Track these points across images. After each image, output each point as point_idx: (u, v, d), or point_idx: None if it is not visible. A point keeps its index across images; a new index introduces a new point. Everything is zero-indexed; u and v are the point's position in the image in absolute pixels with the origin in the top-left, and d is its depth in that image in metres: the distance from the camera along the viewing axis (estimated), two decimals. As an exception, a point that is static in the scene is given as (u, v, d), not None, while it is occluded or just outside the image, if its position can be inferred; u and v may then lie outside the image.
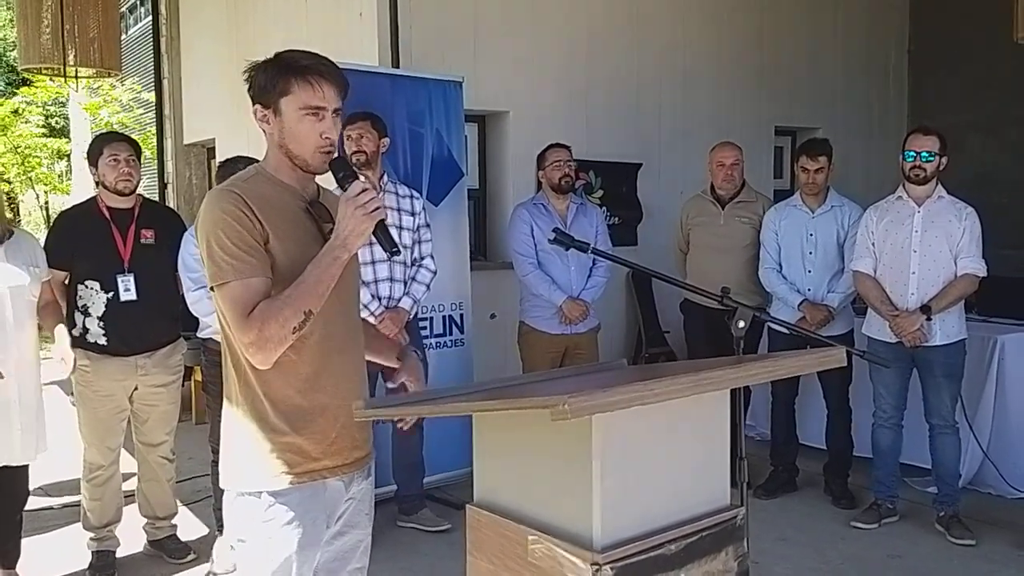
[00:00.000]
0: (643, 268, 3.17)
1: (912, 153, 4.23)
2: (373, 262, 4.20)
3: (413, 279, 4.33)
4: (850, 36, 8.12)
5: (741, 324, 2.53)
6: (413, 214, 4.35)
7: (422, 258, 4.38)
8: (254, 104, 2.01)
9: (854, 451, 4.87)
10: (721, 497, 2.01)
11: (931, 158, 4.20)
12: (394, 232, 4.13)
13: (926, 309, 4.16)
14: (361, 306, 4.09)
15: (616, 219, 6.50)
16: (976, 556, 4.08)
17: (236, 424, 2.03)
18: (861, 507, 4.61)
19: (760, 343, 5.06)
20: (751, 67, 7.37)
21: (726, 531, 1.96)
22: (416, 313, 4.40)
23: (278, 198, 2.00)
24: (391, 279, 4.25)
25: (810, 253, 4.75)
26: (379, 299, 4.22)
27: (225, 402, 2.06)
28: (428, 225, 4.43)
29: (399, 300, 4.26)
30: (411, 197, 4.40)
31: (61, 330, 3.71)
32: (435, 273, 4.42)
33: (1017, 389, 4.83)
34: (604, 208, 6.18)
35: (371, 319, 4.15)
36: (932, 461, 4.40)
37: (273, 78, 1.97)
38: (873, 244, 4.38)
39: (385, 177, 4.35)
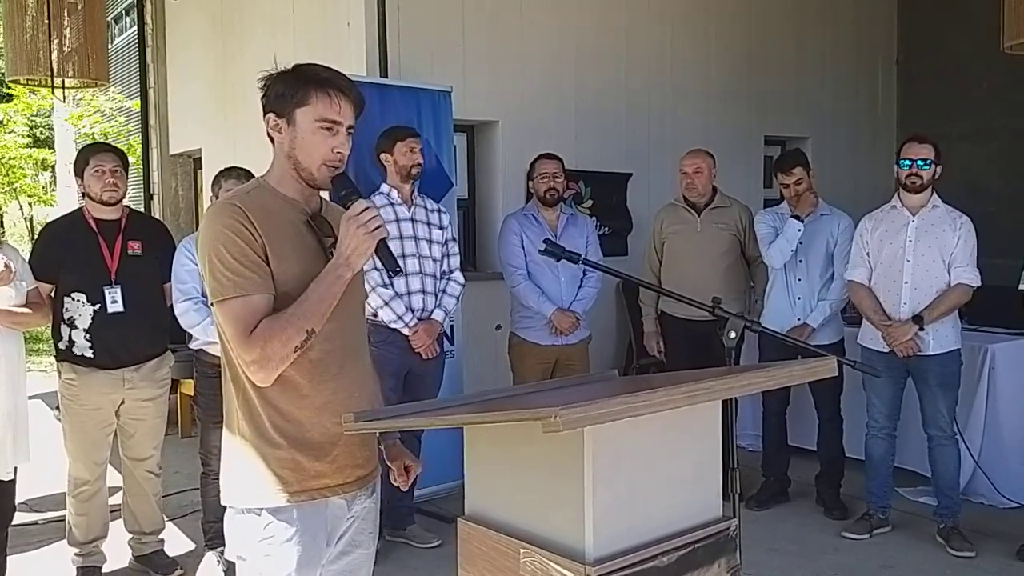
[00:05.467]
0: (634, 278, 3.17)
1: (908, 161, 4.24)
2: (406, 274, 4.23)
3: (444, 292, 4.37)
4: (838, 46, 8.16)
5: (732, 334, 2.52)
6: (441, 228, 4.40)
7: (451, 271, 4.42)
8: (267, 112, 2.00)
9: (845, 455, 4.85)
10: (713, 508, 2.00)
11: (927, 166, 4.21)
12: (424, 245, 4.25)
13: (918, 319, 4.16)
14: (395, 317, 4.13)
15: (606, 229, 6.49)
16: (969, 566, 4.08)
17: (236, 440, 2.00)
18: (853, 517, 4.60)
19: (744, 352, 5.02)
20: (740, 77, 7.39)
21: (719, 543, 1.95)
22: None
23: (280, 212, 1.97)
24: (423, 291, 4.28)
25: (800, 262, 4.75)
26: (412, 311, 4.24)
27: (225, 419, 2.04)
28: (455, 239, 4.51)
29: (431, 312, 4.30)
30: (439, 211, 4.45)
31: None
32: (463, 286, 4.46)
33: (1008, 398, 4.84)
34: (594, 218, 6.17)
35: (405, 330, 4.20)
36: (932, 472, 4.38)
37: (292, 87, 1.96)
38: (868, 253, 4.39)
39: (416, 192, 4.37)
